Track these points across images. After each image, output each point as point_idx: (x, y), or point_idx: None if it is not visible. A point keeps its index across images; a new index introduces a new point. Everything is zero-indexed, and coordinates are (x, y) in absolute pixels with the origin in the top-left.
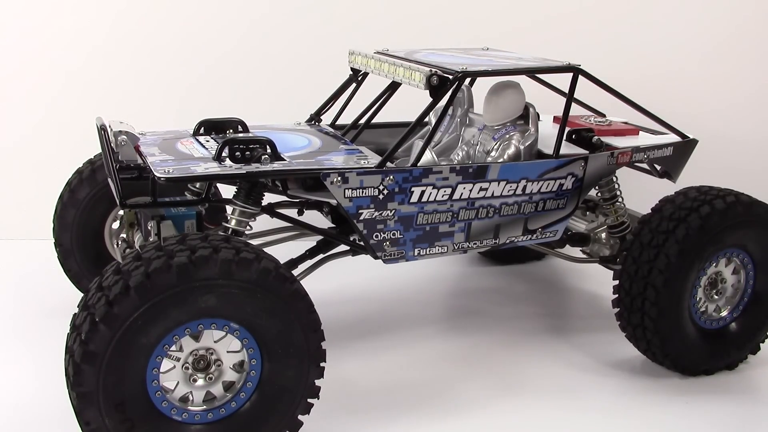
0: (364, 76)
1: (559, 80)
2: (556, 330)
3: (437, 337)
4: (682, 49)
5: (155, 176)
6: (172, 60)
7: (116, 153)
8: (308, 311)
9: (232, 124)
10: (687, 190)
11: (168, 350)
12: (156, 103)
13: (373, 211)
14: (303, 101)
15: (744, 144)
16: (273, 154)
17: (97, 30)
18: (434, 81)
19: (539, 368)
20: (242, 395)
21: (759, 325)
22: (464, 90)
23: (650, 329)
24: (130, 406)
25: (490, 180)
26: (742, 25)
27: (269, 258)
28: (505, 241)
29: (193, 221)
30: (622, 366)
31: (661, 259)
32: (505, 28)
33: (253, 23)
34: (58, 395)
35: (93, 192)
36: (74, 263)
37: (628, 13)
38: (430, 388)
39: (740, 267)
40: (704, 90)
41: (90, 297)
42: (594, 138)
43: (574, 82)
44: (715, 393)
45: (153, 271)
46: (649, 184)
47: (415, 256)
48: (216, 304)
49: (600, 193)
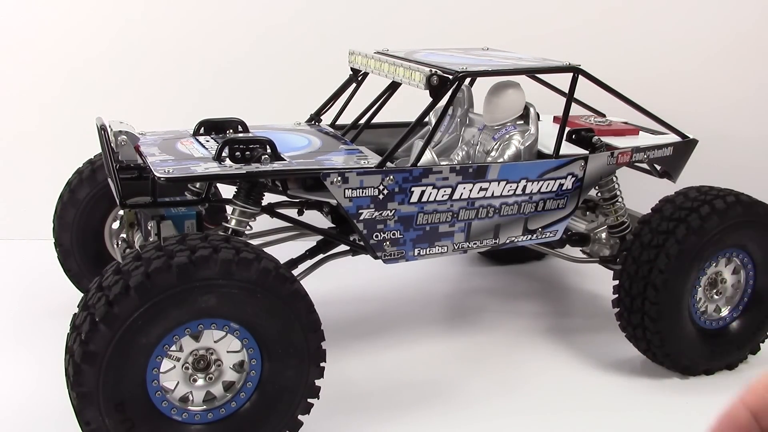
0: (364, 76)
1: (559, 80)
2: (556, 330)
3: (437, 337)
4: (682, 49)
5: (155, 176)
6: (172, 60)
7: (116, 153)
8: (308, 311)
9: (232, 124)
10: (687, 190)
11: (168, 350)
12: (156, 103)
13: (373, 211)
14: (303, 101)
15: (744, 144)
16: (273, 154)
17: (98, 30)
18: (434, 81)
19: (539, 368)
20: (242, 395)
21: (759, 325)
22: (464, 90)
23: (650, 329)
24: (130, 406)
25: (490, 180)
26: (742, 25)
27: (269, 258)
28: (505, 241)
29: (193, 221)
30: (622, 366)
31: (661, 259)
32: (504, 27)
33: (253, 23)
34: (58, 395)
35: (93, 192)
36: (74, 263)
37: (628, 13)
38: (430, 387)
39: (740, 267)
40: (704, 90)
41: (90, 297)
42: (594, 138)
43: (574, 82)
44: (715, 393)
45: (153, 271)
46: (649, 184)
47: (415, 256)
48: (216, 304)
49: (600, 193)
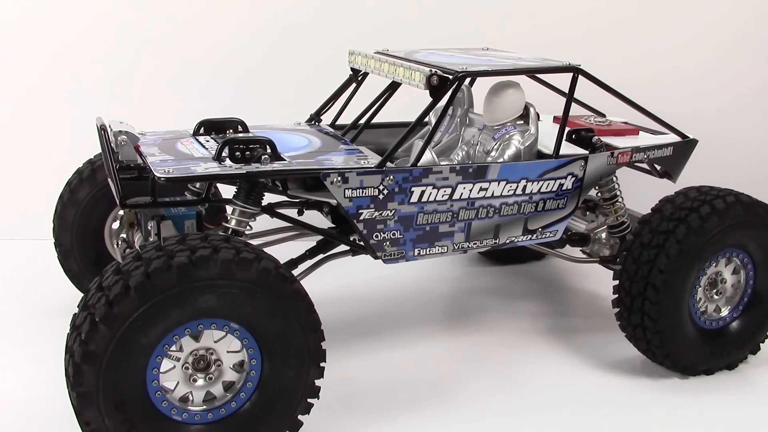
0: (364, 76)
1: (559, 80)
2: (556, 330)
3: (437, 337)
4: (682, 49)
5: (155, 176)
6: (172, 60)
7: (116, 153)
8: (308, 311)
9: (232, 124)
10: (687, 190)
11: (168, 350)
12: (156, 103)
13: (373, 211)
14: (303, 101)
15: (744, 144)
16: (273, 154)
17: (98, 30)
18: (434, 81)
19: (539, 368)
20: (242, 395)
21: (759, 325)
22: (464, 90)
23: (650, 329)
24: (130, 406)
25: (490, 180)
26: (743, 26)
27: (269, 258)
28: (505, 241)
29: (193, 221)
30: (622, 366)
31: (661, 259)
32: (504, 28)
33: (253, 23)
34: (58, 395)
35: (93, 192)
36: (74, 263)
37: (628, 13)
38: (430, 387)
39: (740, 267)
40: (704, 90)
41: (90, 297)
42: (594, 138)
43: (574, 82)
44: (715, 393)
45: (153, 271)
46: (649, 184)
47: (415, 256)
48: (216, 304)
49: (600, 193)
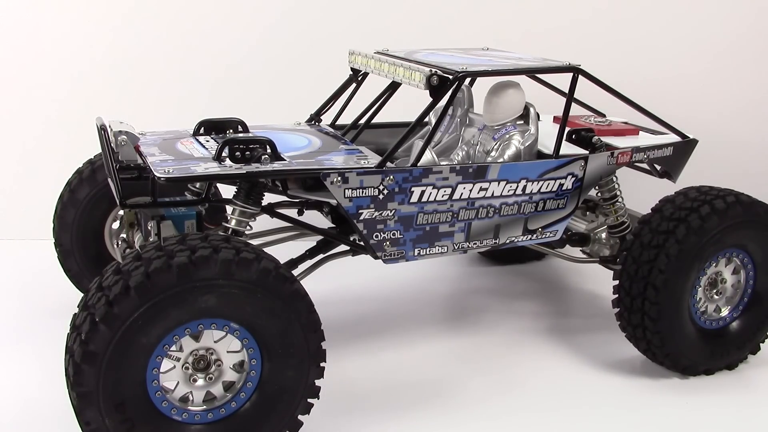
0: (364, 76)
1: (559, 80)
2: (556, 330)
3: (437, 337)
4: (682, 49)
5: (155, 176)
6: (172, 60)
7: (116, 153)
8: (308, 311)
9: (232, 124)
10: (687, 190)
11: (168, 350)
12: (156, 103)
13: (373, 211)
14: (303, 101)
15: (744, 144)
16: (273, 154)
17: (98, 31)
18: (434, 81)
19: (539, 368)
20: (242, 395)
21: (759, 325)
22: (464, 90)
23: (650, 329)
24: (130, 406)
25: (490, 180)
26: (743, 26)
27: (269, 258)
28: (505, 241)
29: (193, 221)
30: (622, 366)
31: (661, 259)
32: (504, 28)
33: (253, 23)
34: (58, 395)
35: (93, 192)
36: (74, 263)
37: (629, 13)
38: (430, 387)
39: (740, 267)
40: (704, 90)
41: (90, 297)
42: (594, 138)
43: (574, 82)
44: (715, 393)
45: (153, 271)
46: (649, 184)
47: (415, 256)
48: (216, 304)
49: (600, 193)
